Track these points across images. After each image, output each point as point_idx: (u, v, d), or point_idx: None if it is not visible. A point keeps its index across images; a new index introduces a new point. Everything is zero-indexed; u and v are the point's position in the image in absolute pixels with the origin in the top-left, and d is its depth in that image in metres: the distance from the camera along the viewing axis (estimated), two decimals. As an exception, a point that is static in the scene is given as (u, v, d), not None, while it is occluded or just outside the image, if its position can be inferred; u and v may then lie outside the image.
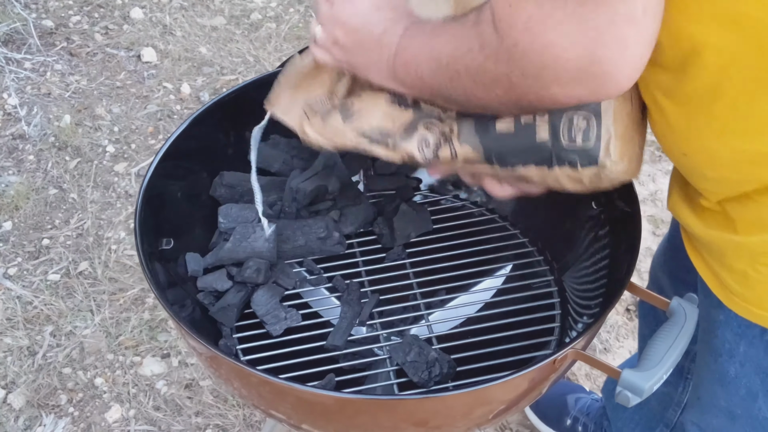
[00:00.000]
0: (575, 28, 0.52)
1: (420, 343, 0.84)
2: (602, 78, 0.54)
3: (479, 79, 0.61)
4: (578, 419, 1.37)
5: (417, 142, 0.73)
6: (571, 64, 0.53)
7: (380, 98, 0.75)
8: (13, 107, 2.03)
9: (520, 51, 0.55)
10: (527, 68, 0.55)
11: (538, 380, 0.72)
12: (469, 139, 0.71)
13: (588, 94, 0.56)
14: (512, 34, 0.55)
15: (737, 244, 0.67)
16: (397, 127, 0.74)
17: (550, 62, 0.54)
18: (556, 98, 0.57)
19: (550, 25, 0.52)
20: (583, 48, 0.52)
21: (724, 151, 0.62)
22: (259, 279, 0.90)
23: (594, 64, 0.53)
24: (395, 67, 0.69)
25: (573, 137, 0.66)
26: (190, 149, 0.92)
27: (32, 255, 1.70)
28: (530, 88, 0.57)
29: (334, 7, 0.72)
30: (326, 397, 0.69)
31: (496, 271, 0.96)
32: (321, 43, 0.73)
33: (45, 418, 1.42)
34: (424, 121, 0.74)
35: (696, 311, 0.71)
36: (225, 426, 1.41)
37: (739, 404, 0.79)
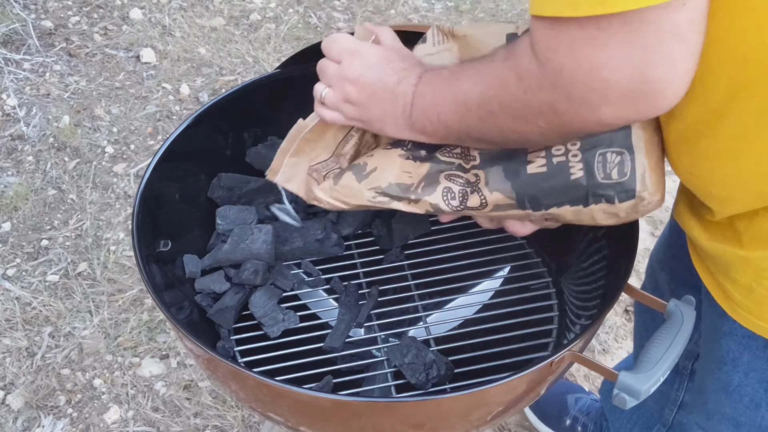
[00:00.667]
0: (622, 49, 0.50)
1: (418, 344, 0.84)
2: (651, 97, 0.52)
3: (518, 113, 0.59)
4: (578, 419, 1.37)
5: (441, 194, 0.73)
6: (620, 85, 0.52)
7: (393, 155, 0.75)
8: (12, 108, 2.03)
9: (566, 76, 0.53)
10: (573, 93, 0.54)
11: (536, 382, 0.72)
12: (499, 185, 0.71)
13: (635, 114, 0.54)
14: (556, 59, 0.53)
15: (742, 258, 0.67)
16: (416, 181, 0.74)
17: (598, 85, 0.52)
18: (603, 121, 0.55)
19: (595, 47, 0.51)
20: (631, 68, 0.51)
21: (730, 171, 0.61)
22: (257, 281, 0.90)
23: (644, 84, 0.51)
24: (413, 117, 0.69)
25: (608, 173, 0.67)
26: (188, 151, 0.92)
27: (31, 256, 1.70)
28: (576, 114, 0.55)
29: (342, 64, 0.71)
30: (323, 399, 0.69)
31: (494, 272, 0.96)
32: (331, 103, 0.72)
33: (44, 419, 1.42)
34: (445, 171, 0.74)
35: (693, 313, 0.71)
36: (223, 427, 1.41)
37: (743, 413, 0.79)
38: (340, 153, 0.78)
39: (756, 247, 0.65)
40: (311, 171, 0.77)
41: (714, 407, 0.84)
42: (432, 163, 0.74)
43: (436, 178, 0.73)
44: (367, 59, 0.71)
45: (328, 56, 0.73)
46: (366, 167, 0.75)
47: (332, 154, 0.78)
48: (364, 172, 0.75)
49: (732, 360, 0.76)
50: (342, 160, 0.78)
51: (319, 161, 0.78)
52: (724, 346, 0.76)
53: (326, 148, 0.78)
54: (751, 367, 0.74)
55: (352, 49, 0.72)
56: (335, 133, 0.77)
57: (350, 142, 0.78)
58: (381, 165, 0.75)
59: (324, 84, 0.73)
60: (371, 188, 0.74)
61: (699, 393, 0.89)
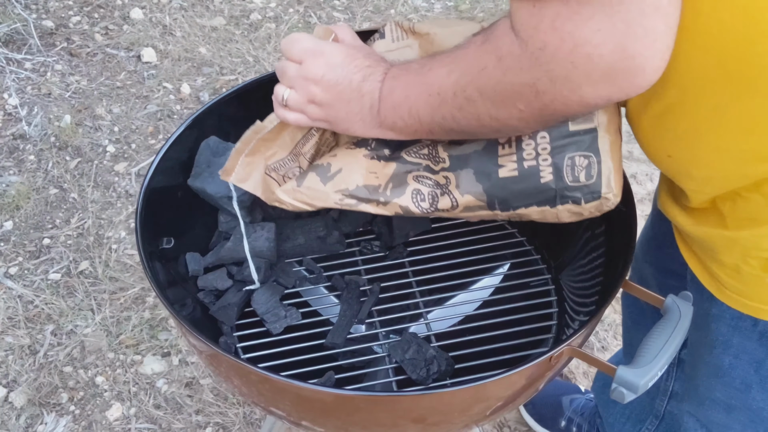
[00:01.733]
0: (605, 23, 0.50)
1: (418, 340, 0.85)
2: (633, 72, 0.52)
3: (498, 96, 0.59)
4: (572, 420, 1.38)
5: (410, 196, 0.73)
6: (603, 60, 0.51)
7: (358, 155, 0.75)
8: (14, 107, 2.04)
9: (549, 53, 0.53)
10: (555, 71, 0.54)
11: (535, 377, 0.73)
12: (471, 188, 0.72)
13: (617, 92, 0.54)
14: (539, 36, 0.53)
15: (728, 239, 0.68)
16: (383, 183, 0.73)
17: (581, 61, 0.52)
18: (585, 100, 0.55)
19: (579, 22, 0.51)
20: (614, 43, 0.51)
21: (709, 150, 0.62)
22: (259, 278, 0.91)
23: (626, 59, 0.51)
24: (381, 114, 0.68)
25: (577, 176, 0.68)
26: (191, 148, 0.92)
27: (33, 254, 1.70)
28: (558, 94, 0.55)
29: (304, 65, 0.69)
30: (325, 393, 0.70)
31: (494, 269, 0.97)
32: (294, 104, 0.71)
33: (46, 417, 1.43)
34: (413, 173, 0.74)
35: (691, 309, 0.72)
36: (225, 424, 1.42)
37: (735, 395, 0.80)
38: (299, 152, 0.77)
39: (741, 226, 0.66)
40: (269, 171, 0.76)
41: (705, 393, 0.84)
42: (398, 164, 0.74)
43: (404, 179, 0.73)
44: (329, 58, 0.69)
45: (289, 57, 0.71)
46: (330, 168, 0.74)
47: (289, 153, 0.76)
48: (329, 173, 0.74)
49: (722, 343, 0.77)
50: (301, 160, 0.77)
51: (275, 160, 0.76)
52: (714, 330, 0.77)
53: (282, 146, 0.76)
54: (741, 349, 0.75)
55: (313, 48, 0.70)
56: (292, 132, 0.76)
57: (310, 141, 0.76)
58: (346, 166, 0.74)
59: (285, 86, 0.71)
60: (337, 190, 0.74)
61: (689, 380, 0.90)
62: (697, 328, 0.82)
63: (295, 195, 0.75)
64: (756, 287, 0.69)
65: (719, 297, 0.73)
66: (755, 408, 0.79)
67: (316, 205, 0.75)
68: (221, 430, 1.42)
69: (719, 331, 0.77)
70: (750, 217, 0.65)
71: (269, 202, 0.76)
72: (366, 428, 0.78)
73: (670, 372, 1.09)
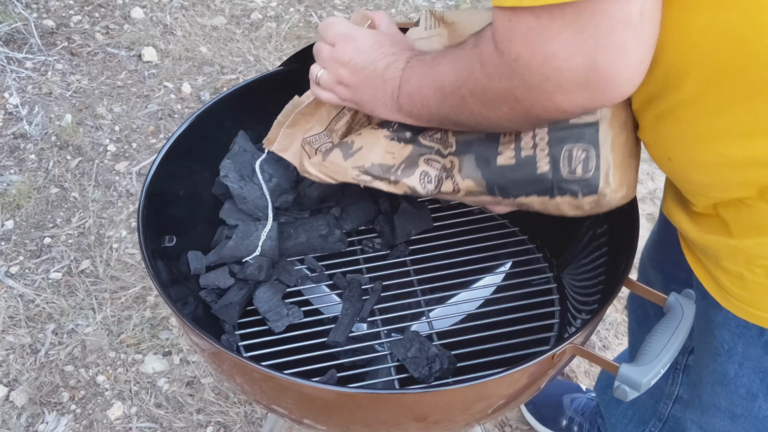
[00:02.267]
0: (574, 37, 0.52)
1: (420, 339, 0.85)
2: (604, 84, 0.54)
3: (485, 99, 0.62)
4: (573, 419, 1.39)
5: (418, 177, 0.76)
6: (573, 73, 0.53)
7: (379, 135, 0.78)
8: (15, 107, 2.04)
9: (522, 64, 0.55)
10: (530, 81, 0.56)
11: (537, 375, 0.73)
12: (471, 173, 0.73)
13: (592, 101, 0.56)
14: (512, 48, 0.55)
15: (732, 247, 0.67)
16: (397, 162, 0.76)
17: (551, 73, 0.54)
18: (561, 108, 0.57)
19: (549, 36, 0.52)
20: (583, 57, 0.52)
21: (708, 155, 0.62)
22: (261, 276, 0.91)
23: (596, 72, 0.53)
24: (400, 100, 0.71)
25: (573, 168, 0.68)
26: (192, 147, 0.92)
27: (34, 253, 1.70)
28: (535, 101, 0.57)
29: (336, 48, 0.74)
30: (327, 391, 0.70)
31: (496, 268, 0.97)
32: (325, 83, 0.75)
33: (47, 416, 1.43)
34: (425, 155, 0.76)
35: (693, 307, 0.72)
36: (226, 423, 1.42)
37: (740, 404, 0.79)
38: (332, 128, 0.81)
39: (745, 235, 0.65)
40: (305, 143, 0.81)
41: (709, 400, 0.84)
42: (414, 146, 0.77)
43: (416, 161, 0.76)
44: (359, 44, 0.73)
45: (324, 39, 0.75)
46: (353, 146, 0.78)
47: (325, 128, 0.81)
48: (351, 150, 0.78)
49: (727, 351, 0.76)
50: (334, 136, 0.81)
51: (312, 134, 0.81)
52: (718, 337, 0.77)
53: (320, 121, 0.81)
54: (746, 356, 0.75)
55: (346, 33, 0.74)
56: (329, 109, 0.81)
57: (343, 119, 0.81)
58: (367, 144, 0.78)
59: (319, 65, 0.75)
60: (355, 167, 0.77)
61: (693, 388, 0.90)
62: (701, 334, 0.82)
63: (321, 168, 0.79)
64: (760, 295, 0.69)
65: (724, 304, 0.73)
66: (761, 416, 0.78)
67: (337, 178, 0.79)
68: (222, 429, 1.42)
69: (723, 338, 0.76)
70: (754, 226, 0.64)
71: (301, 172, 0.81)
72: (368, 426, 0.78)
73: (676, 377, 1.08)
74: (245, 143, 0.94)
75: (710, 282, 0.74)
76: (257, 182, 0.91)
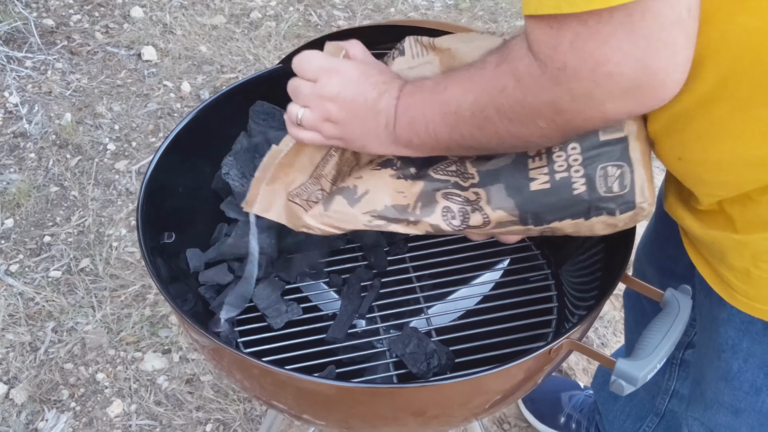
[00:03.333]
0: (626, 40, 0.50)
1: (419, 335, 0.85)
2: (655, 87, 0.53)
3: (517, 116, 0.59)
4: (572, 416, 1.39)
5: (440, 213, 0.72)
6: (625, 78, 0.51)
7: (384, 175, 0.73)
8: (15, 105, 2.04)
9: (569, 73, 0.53)
10: (577, 90, 0.53)
11: (534, 370, 0.73)
12: (502, 203, 0.71)
13: (639, 106, 0.54)
14: (558, 57, 0.53)
15: (738, 242, 0.67)
16: (412, 202, 0.72)
17: (602, 79, 0.52)
18: (607, 116, 0.55)
19: (599, 42, 0.50)
20: (636, 60, 0.51)
21: (722, 155, 0.62)
22: (260, 274, 0.92)
23: (648, 75, 0.51)
24: (397, 131, 0.67)
25: (610, 186, 0.68)
26: (192, 143, 0.93)
27: (34, 252, 1.71)
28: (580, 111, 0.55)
29: (319, 83, 0.68)
30: (326, 386, 0.70)
31: (495, 264, 0.97)
32: (308, 123, 0.70)
33: (47, 413, 1.43)
34: (442, 191, 0.72)
35: (690, 302, 0.73)
36: (226, 420, 1.43)
37: (743, 399, 0.80)
38: (320, 174, 0.76)
39: (752, 230, 0.65)
40: (292, 197, 0.75)
41: (713, 396, 0.84)
42: (425, 182, 0.73)
43: (432, 197, 0.72)
44: (344, 75, 0.69)
45: (302, 75, 0.70)
46: (357, 190, 0.73)
47: (310, 176, 0.76)
48: (356, 196, 0.73)
49: (731, 347, 0.77)
50: (323, 182, 0.76)
51: (296, 185, 0.75)
52: (722, 333, 0.77)
53: (301, 170, 0.76)
54: (750, 352, 0.75)
55: (328, 66, 0.69)
56: (310, 154, 0.75)
57: (330, 162, 0.75)
58: (373, 187, 0.73)
59: (299, 104, 0.70)
60: (366, 212, 0.72)
61: (696, 384, 0.90)
62: (704, 331, 0.82)
63: (323, 219, 0.73)
64: (766, 291, 0.69)
65: (729, 300, 0.73)
66: (764, 411, 0.79)
67: (344, 228, 0.74)
68: (222, 427, 1.42)
69: (728, 334, 0.76)
70: (761, 221, 0.64)
71: (296, 228, 0.75)
72: (366, 422, 0.78)
73: (672, 372, 1.09)
74: (248, 142, 0.95)
75: (714, 278, 0.74)
76: None
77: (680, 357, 1.06)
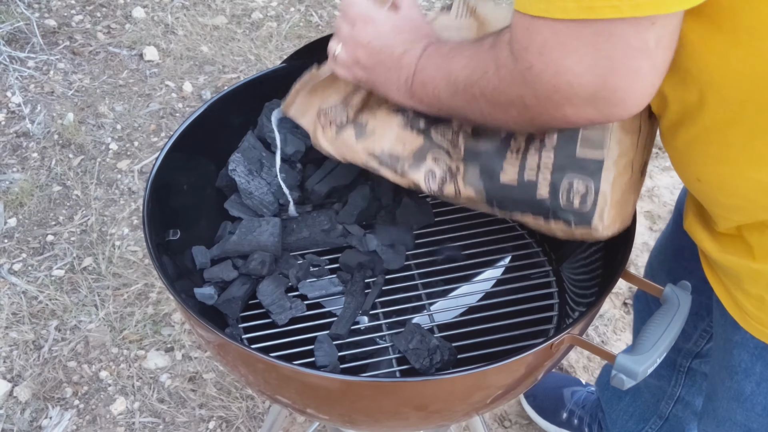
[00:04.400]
0: (588, 56, 0.52)
1: (422, 331, 0.86)
2: (613, 103, 0.55)
3: (495, 100, 0.62)
4: (574, 412, 1.40)
5: (424, 173, 0.76)
6: (583, 90, 0.54)
7: (393, 120, 0.78)
8: (17, 105, 2.05)
9: (534, 74, 0.55)
10: (540, 91, 0.56)
11: (535, 365, 0.74)
12: (474, 182, 0.74)
13: (599, 116, 0.57)
14: (527, 57, 0.55)
15: (755, 271, 0.68)
16: (407, 154, 0.77)
17: (562, 86, 0.55)
18: (568, 119, 0.58)
19: (564, 52, 0.53)
20: (595, 75, 0.53)
21: (738, 180, 0.63)
22: (264, 271, 0.92)
23: (606, 91, 0.54)
24: (413, 87, 0.71)
25: (571, 200, 0.69)
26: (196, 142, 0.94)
27: (37, 251, 1.72)
28: (543, 109, 0.58)
29: (355, 28, 0.74)
30: (330, 380, 0.71)
31: (496, 262, 0.98)
32: (342, 61, 0.75)
33: (51, 411, 1.44)
34: (434, 152, 0.76)
35: (689, 298, 0.73)
36: (228, 418, 1.44)
37: (756, 420, 0.80)
38: (348, 102, 0.80)
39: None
40: (320, 113, 0.80)
41: (725, 415, 0.84)
42: (426, 140, 0.76)
43: (424, 155, 0.76)
44: (378, 27, 0.73)
45: (344, 17, 0.75)
46: (366, 127, 0.78)
47: (342, 100, 0.80)
48: (364, 132, 0.78)
49: (744, 370, 0.77)
50: (349, 110, 0.80)
51: (329, 104, 0.80)
52: (736, 356, 0.77)
53: (338, 91, 0.81)
54: (763, 377, 0.76)
55: (366, 14, 0.74)
56: (347, 81, 0.80)
57: (359, 94, 0.80)
58: (380, 128, 0.77)
59: (337, 41, 0.75)
60: (366, 150, 0.77)
61: (709, 400, 0.90)
62: (718, 350, 0.82)
63: (333, 144, 0.79)
64: None
65: (743, 325, 0.73)
66: None
67: (346, 158, 0.79)
68: (224, 424, 1.43)
69: (741, 357, 0.77)
70: None
71: (313, 143, 0.82)
72: (369, 416, 0.79)
73: (679, 379, 1.10)
74: (254, 141, 0.96)
75: (730, 301, 0.74)
76: (265, 178, 0.92)
77: (687, 365, 1.07)
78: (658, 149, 2.07)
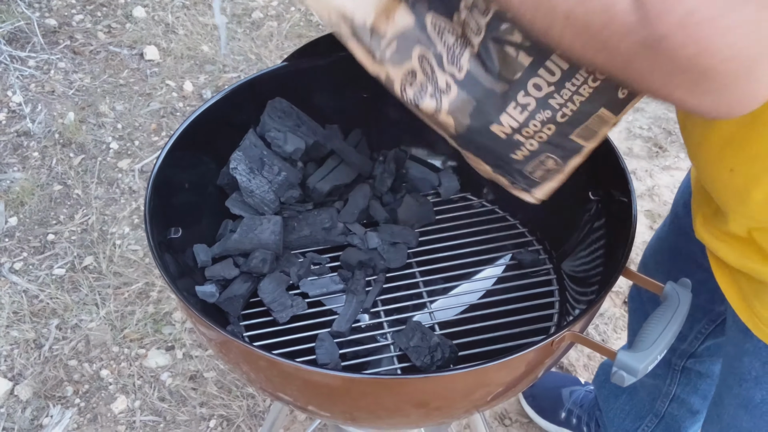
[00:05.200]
0: (746, 37, 0.41)
1: (423, 328, 0.87)
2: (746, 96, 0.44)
3: (589, 42, 0.47)
4: (572, 411, 1.40)
5: (402, 74, 0.62)
6: (721, 78, 0.43)
7: None
8: (18, 105, 2.05)
9: (665, 46, 0.43)
10: (663, 65, 0.44)
11: (536, 362, 0.74)
12: (459, 115, 0.64)
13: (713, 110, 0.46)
14: (661, 25, 0.42)
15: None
16: (389, 36, 0.61)
17: (696, 68, 0.43)
18: (673, 100, 0.47)
19: (716, 28, 0.41)
20: (743, 60, 0.42)
21: None
22: (265, 269, 0.93)
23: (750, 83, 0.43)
24: None
25: (535, 170, 0.69)
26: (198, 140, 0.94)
27: (38, 250, 1.72)
28: (651, 81, 0.46)
29: None
30: (332, 377, 0.71)
31: (497, 259, 0.98)
32: None
33: (52, 409, 1.44)
34: (422, 52, 0.62)
35: (689, 295, 0.74)
36: (229, 416, 1.44)
37: (763, 427, 0.79)
38: None
39: None
40: None
41: (730, 421, 0.84)
42: (417, 23, 0.61)
43: (410, 49, 0.62)
44: None
45: None
46: None
47: None
48: None
49: (754, 378, 0.76)
50: None
51: None
52: (746, 363, 0.76)
53: None
54: None
55: None
56: None
57: None
58: None
59: None
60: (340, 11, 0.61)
61: (714, 405, 0.89)
62: (728, 357, 0.82)
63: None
64: None
65: (756, 333, 0.72)
66: None
67: (322, 16, 0.63)
68: (225, 422, 1.43)
69: (752, 365, 0.76)
70: None
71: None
72: (371, 413, 0.79)
73: (674, 377, 1.10)
74: (255, 139, 0.96)
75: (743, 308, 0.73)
76: (266, 176, 0.93)
77: (682, 365, 1.07)
78: (659, 148, 2.07)
